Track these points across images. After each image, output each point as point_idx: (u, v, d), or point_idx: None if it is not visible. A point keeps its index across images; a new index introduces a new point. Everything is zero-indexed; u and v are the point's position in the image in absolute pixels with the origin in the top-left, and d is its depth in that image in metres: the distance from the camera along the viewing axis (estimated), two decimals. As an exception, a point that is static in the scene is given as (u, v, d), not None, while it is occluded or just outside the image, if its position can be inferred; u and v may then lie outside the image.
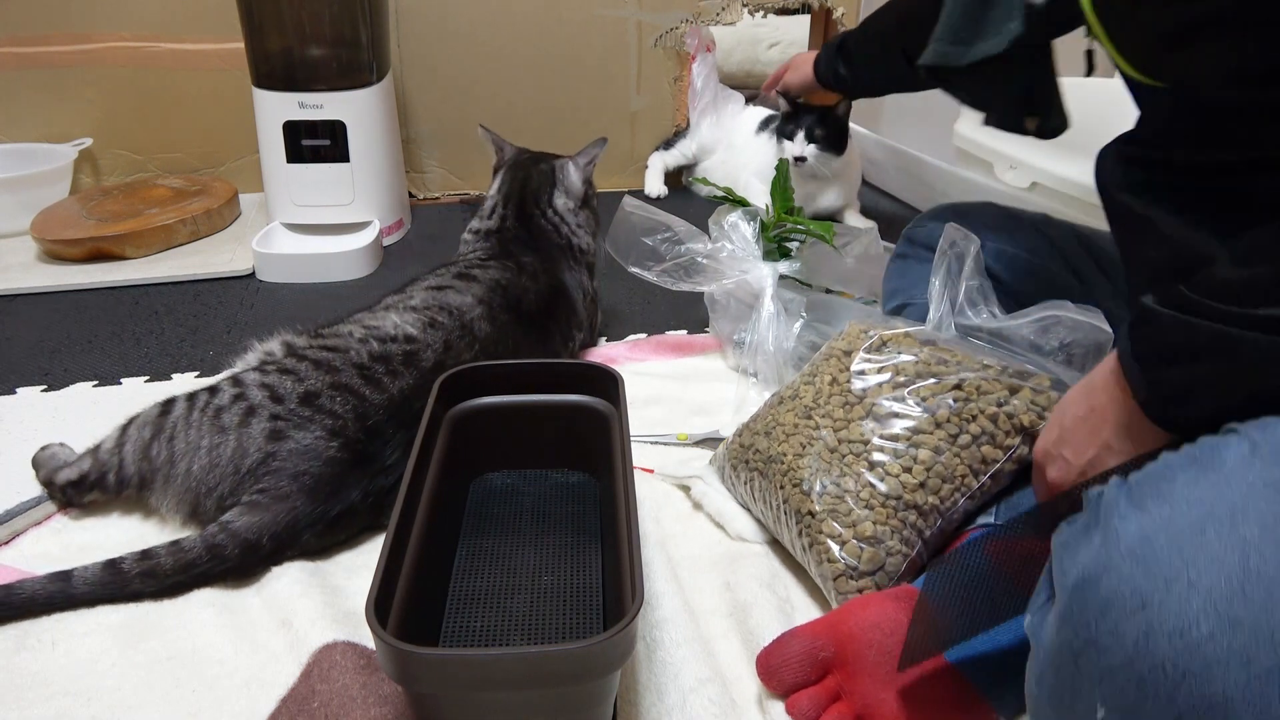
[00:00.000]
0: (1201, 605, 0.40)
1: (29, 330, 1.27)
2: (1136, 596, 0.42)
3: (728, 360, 1.18)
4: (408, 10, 1.74)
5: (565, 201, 1.19)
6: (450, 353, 0.91)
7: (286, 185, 1.55)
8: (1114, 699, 0.42)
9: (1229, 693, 0.38)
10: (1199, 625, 0.39)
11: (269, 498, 0.77)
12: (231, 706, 0.66)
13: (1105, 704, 0.42)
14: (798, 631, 0.67)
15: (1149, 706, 0.40)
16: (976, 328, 0.80)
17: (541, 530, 0.77)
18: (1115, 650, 0.42)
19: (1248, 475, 0.43)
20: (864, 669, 0.64)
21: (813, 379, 0.84)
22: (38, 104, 1.70)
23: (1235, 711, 0.38)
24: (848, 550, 0.72)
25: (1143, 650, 0.41)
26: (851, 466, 0.75)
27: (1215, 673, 0.38)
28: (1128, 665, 0.41)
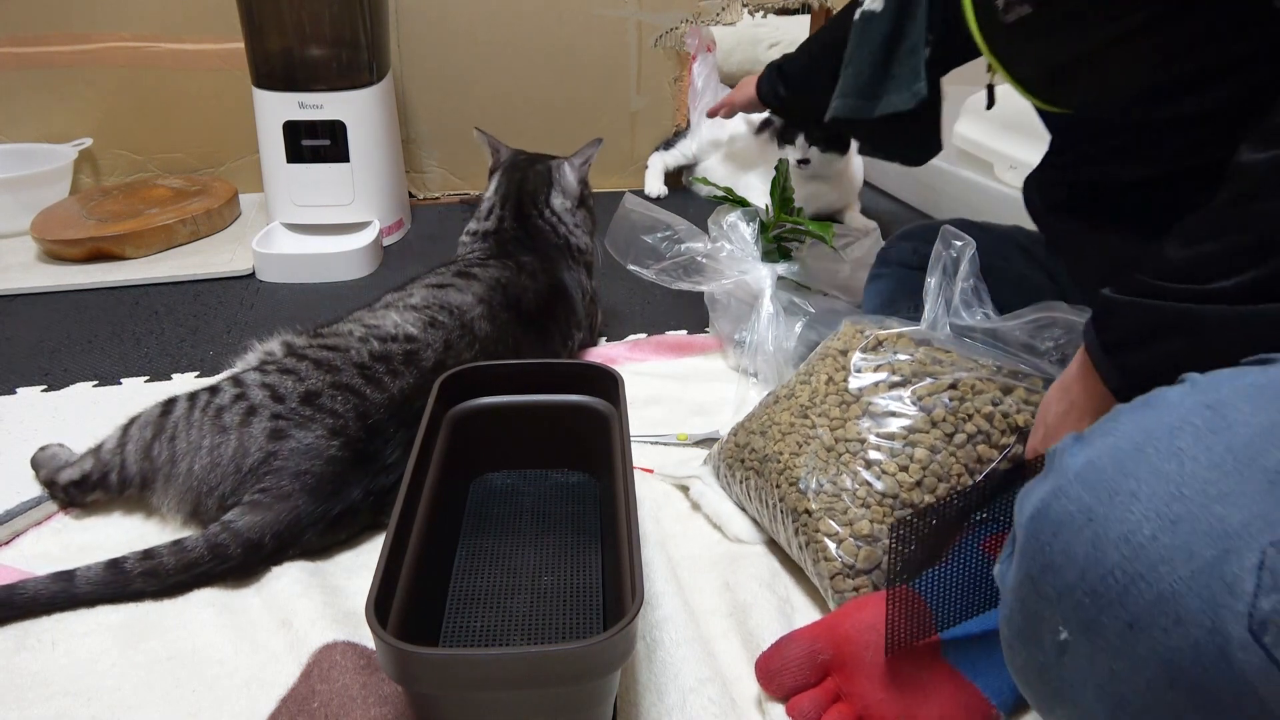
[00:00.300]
0: (1143, 511, 0.41)
1: (29, 330, 1.27)
2: (1083, 513, 0.43)
3: (728, 360, 1.18)
4: (408, 10, 1.74)
5: (562, 201, 1.20)
6: (450, 352, 0.91)
7: (286, 185, 1.55)
8: (1073, 616, 0.43)
9: (1175, 587, 0.39)
10: (1142, 529, 0.41)
11: (271, 497, 0.77)
12: (231, 706, 0.66)
13: (1066, 624, 0.43)
14: (796, 635, 0.67)
15: (1105, 616, 0.42)
16: (971, 328, 0.80)
17: (541, 530, 0.77)
18: (1068, 568, 0.43)
19: (1185, 402, 0.45)
20: (862, 670, 0.64)
21: (809, 378, 0.84)
22: (38, 104, 1.70)
23: (1182, 602, 0.39)
24: (844, 548, 0.72)
25: (1093, 561, 0.42)
26: (848, 465, 0.75)
27: (1161, 571, 0.40)
28: (1081, 579, 0.43)
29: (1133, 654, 0.41)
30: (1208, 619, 0.39)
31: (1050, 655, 0.45)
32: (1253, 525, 0.39)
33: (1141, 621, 0.40)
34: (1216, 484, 0.41)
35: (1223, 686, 0.38)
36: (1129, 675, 0.41)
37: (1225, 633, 0.38)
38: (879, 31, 0.90)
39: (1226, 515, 0.40)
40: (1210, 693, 0.39)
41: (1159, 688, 0.40)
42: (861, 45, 0.92)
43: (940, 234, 0.82)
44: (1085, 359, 0.62)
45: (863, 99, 0.94)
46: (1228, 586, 0.38)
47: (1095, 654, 0.42)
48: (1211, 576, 0.39)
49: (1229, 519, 0.40)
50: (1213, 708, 0.39)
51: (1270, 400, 0.43)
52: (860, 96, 0.94)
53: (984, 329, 0.80)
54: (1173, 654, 0.39)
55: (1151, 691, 0.40)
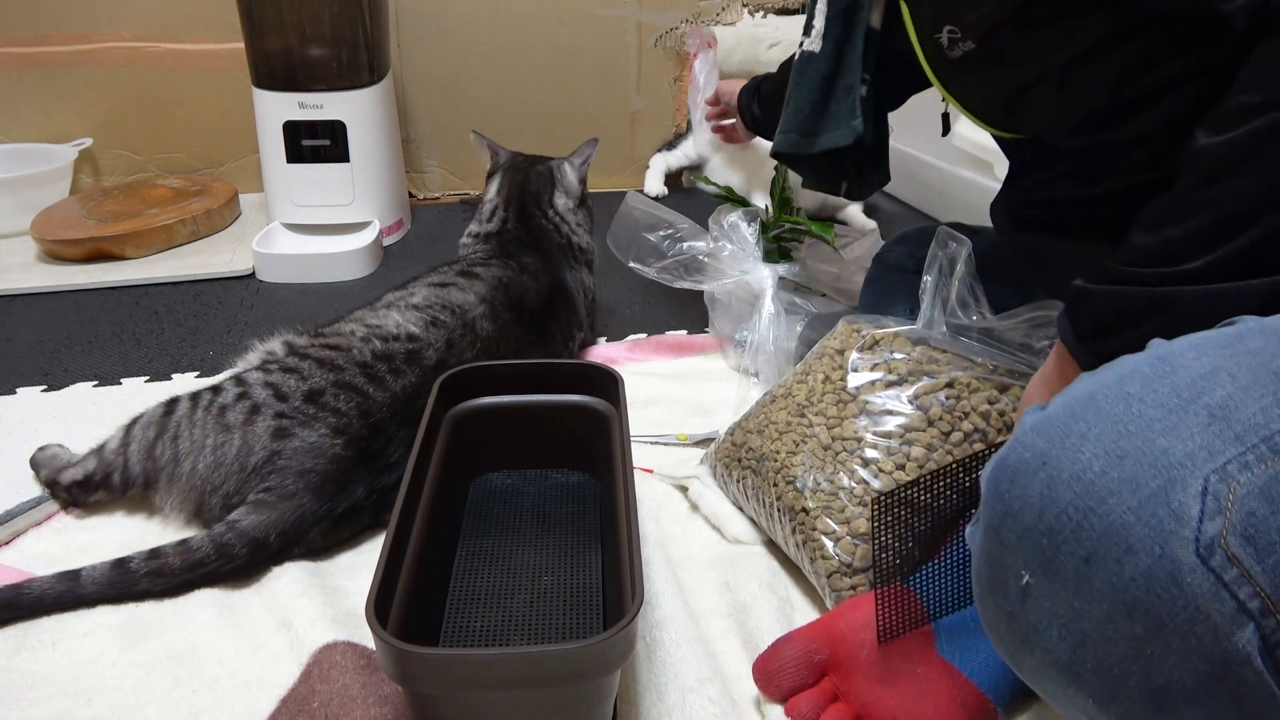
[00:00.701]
0: (1093, 450, 0.43)
1: (29, 330, 1.27)
2: (1037, 458, 0.45)
3: (728, 360, 1.18)
4: (407, 10, 1.74)
5: (565, 201, 1.20)
6: (452, 351, 0.91)
7: (286, 185, 1.55)
8: (1033, 558, 0.44)
9: (1125, 518, 0.41)
10: (1092, 466, 0.43)
11: (275, 496, 0.77)
12: (231, 706, 0.66)
13: (1027, 567, 0.45)
14: (791, 636, 0.67)
15: (1062, 554, 0.43)
16: (967, 327, 0.81)
17: (541, 530, 0.77)
18: (1025, 511, 0.45)
19: (1137, 358, 0.47)
20: (858, 669, 0.64)
21: (805, 377, 0.84)
22: (38, 104, 1.70)
23: (1132, 532, 0.41)
24: (841, 547, 0.72)
25: (1048, 501, 0.44)
26: (845, 464, 0.75)
27: (1111, 503, 0.42)
28: (1038, 520, 0.44)
29: (1090, 588, 0.42)
30: (1157, 546, 0.40)
31: (1015, 601, 0.46)
32: (1196, 456, 0.41)
33: (1096, 554, 0.42)
34: (1161, 420, 0.43)
35: (1176, 612, 0.40)
36: (1088, 610, 0.42)
37: (1174, 558, 0.40)
38: (817, 71, 0.95)
39: (1170, 448, 0.42)
40: (1166, 619, 0.40)
41: (1118, 619, 0.41)
42: (800, 85, 0.97)
43: (936, 235, 0.83)
44: (1062, 350, 0.64)
45: (803, 135, 0.98)
46: (1174, 513, 0.40)
47: (1056, 593, 0.44)
48: (1158, 504, 0.41)
49: (1173, 451, 0.41)
50: (1170, 634, 0.40)
51: (1215, 348, 0.45)
52: (800, 133, 0.98)
53: (980, 328, 0.80)
54: (1127, 583, 0.41)
55: (1111, 623, 0.42)
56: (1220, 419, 0.42)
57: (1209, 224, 0.57)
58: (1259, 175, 0.56)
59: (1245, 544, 0.39)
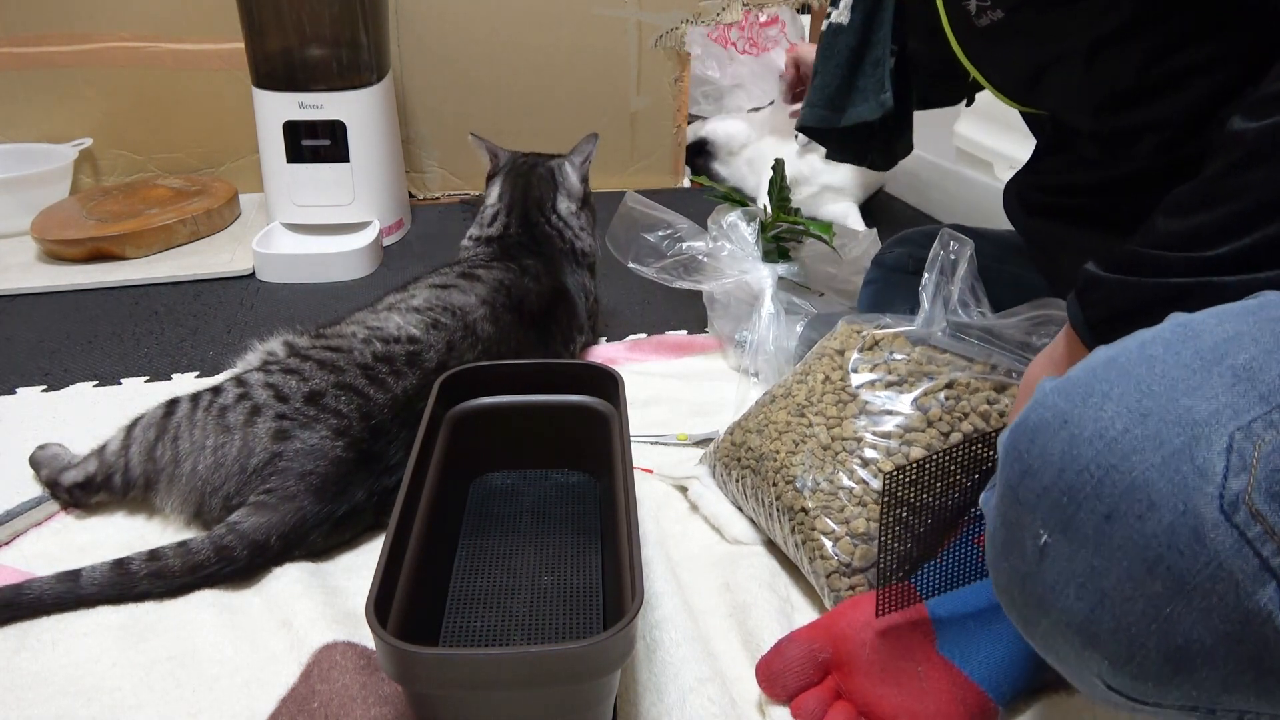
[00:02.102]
0: (1115, 409, 0.43)
1: (29, 330, 1.27)
2: (1058, 417, 0.45)
3: (728, 360, 1.18)
4: (408, 10, 1.74)
5: (568, 205, 1.20)
6: (453, 353, 0.91)
7: (286, 185, 1.55)
8: (1051, 517, 0.44)
9: (1148, 475, 0.41)
10: (1114, 424, 0.42)
11: (276, 498, 0.77)
12: (231, 706, 0.66)
13: (1045, 526, 0.44)
14: (794, 636, 0.67)
15: (1082, 512, 0.43)
16: (969, 325, 0.81)
17: (541, 530, 0.77)
18: (1045, 469, 0.44)
19: (1157, 329, 0.47)
20: (859, 667, 0.64)
21: (805, 377, 0.84)
22: (38, 104, 1.70)
23: (1155, 489, 0.40)
24: (841, 547, 0.72)
25: (1069, 459, 0.43)
26: (845, 463, 0.76)
27: (1133, 460, 0.41)
28: (1058, 478, 0.44)
29: (1110, 545, 0.42)
30: (1180, 502, 0.40)
31: (1031, 562, 0.46)
32: (1220, 414, 0.41)
33: (1117, 511, 0.41)
34: (1184, 380, 0.42)
35: (1198, 569, 0.39)
36: (1108, 568, 0.42)
37: (1198, 514, 0.39)
38: (845, 45, 0.93)
39: (1194, 406, 0.41)
40: (1187, 576, 0.40)
41: (1138, 576, 0.41)
42: (829, 58, 0.95)
43: (939, 235, 0.82)
44: (1072, 334, 0.63)
45: (830, 109, 0.97)
46: (1198, 470, 0.40)
47: (1075, 552, 0.43)
48: (1182, 461, 0.40)
49: (1196, 409, 0.41)
50: (1190, 591, 0.40)
51: (1238, 316, 0.45)
52: (828, 107, 0.97)
53: (981, 326, 0.80)
54: (1148, 540, 0.40)
55: (1131, 581, 0.41)
56: (1245, 379, 0.41)
57: (1241, 210, 0.55)
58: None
59: (1270, 500, 0.39)
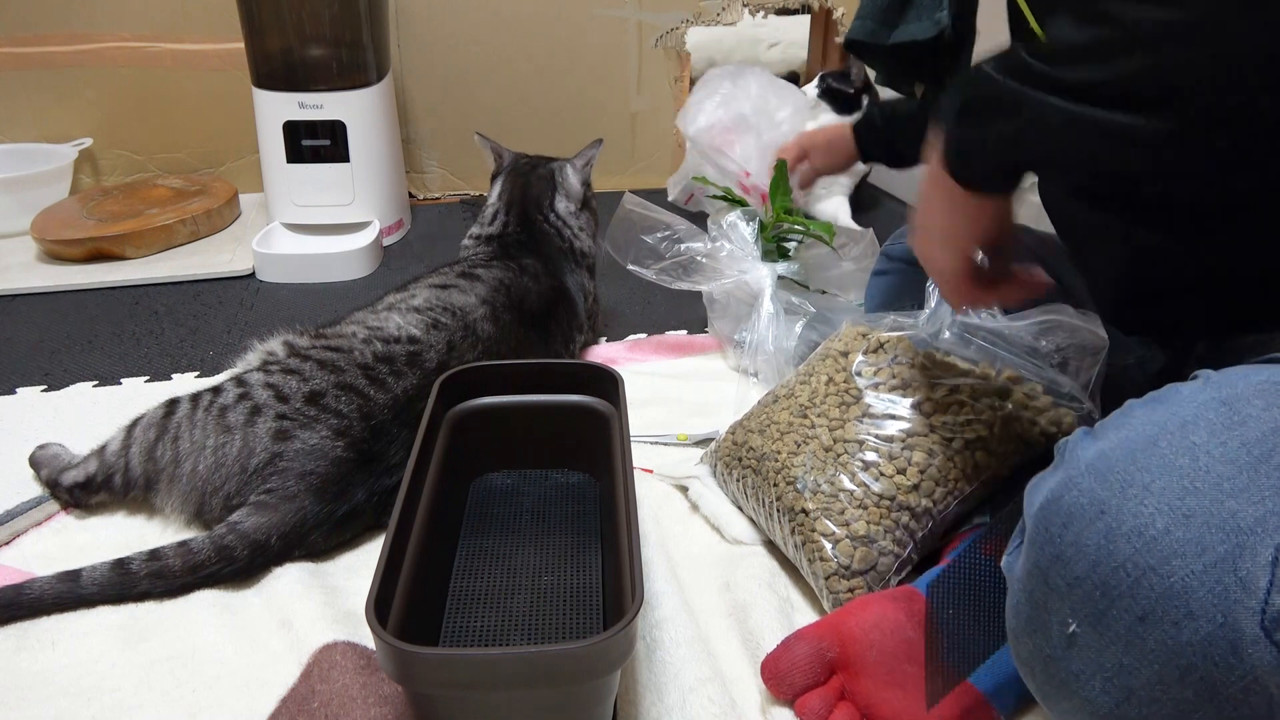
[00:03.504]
0: (1156, 505, 0.42)
1: (29, 330, 1.27)
2: (1095, 505, 0.43)
3: (728, 360, 1.18)
4: (408, 10, 1.74)
5: (566, 205, 1.20)
6: (453, 353, 0.91)
7: (286, 185, 1.55)
8: (1082, 608, 0.43)
9: (1188, 581, 0.40)
10: (1154, 523, 0.41)
11: (276, 498, 0.77)
12: (231, 706, 0.66)
13: (1075, 616, 0.43)
14: (802, 634, 0.67)
15: (1115, 609, 0.42)
16: (978, 326, 0.80)
17: (541, 530, 0.77)
18: (1079, 560, 0.43)
19: (1198, 398, 0.45)
20: (865, 669, 0.64)
21: (809, 379, 0.84)
22: (38, 104, 1.70)
23: (1195, 597, 0.39)
24: (840, 549, 0.72)
25: (1104, 554, 0.42)
26: (846, 466, 0.75)
27: (1173, 564, 0.40)
28: (1091, 571, 0.43)
29: (1143, 647, 0.41)
30: (1220, 614, 0.39)
31: (1057, 647, 0.45)
32: (1267, 521, 0.39)
33: (1153, 615, 0.40)
34: (1230, 479, 0.41)
35: (1233, 681, 0.39)
36: (1138, 668, 0.41)
37: (1238, 628, 0.38)
38: None
39: (1240, 511, 0.40)
40: (1220, 687, 0.39)
41: (1169, 681, 0.40)
42: None
43: None
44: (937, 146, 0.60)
45: (881, 24, 0.92)
46: (1241, 582, 0.39)
47: (1104, 647, 0.42)
48: (1225, 571, 0.39)
49: (1242, 515, 0.40)
50: (1222, 702, 0.39)
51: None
52: (878, 21, 0.92)
53: (990, 328, 0.80)
54: (1183, 648, 0.39)
55: (1161, 685, 0.40)
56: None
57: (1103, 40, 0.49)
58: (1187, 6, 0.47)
59: None
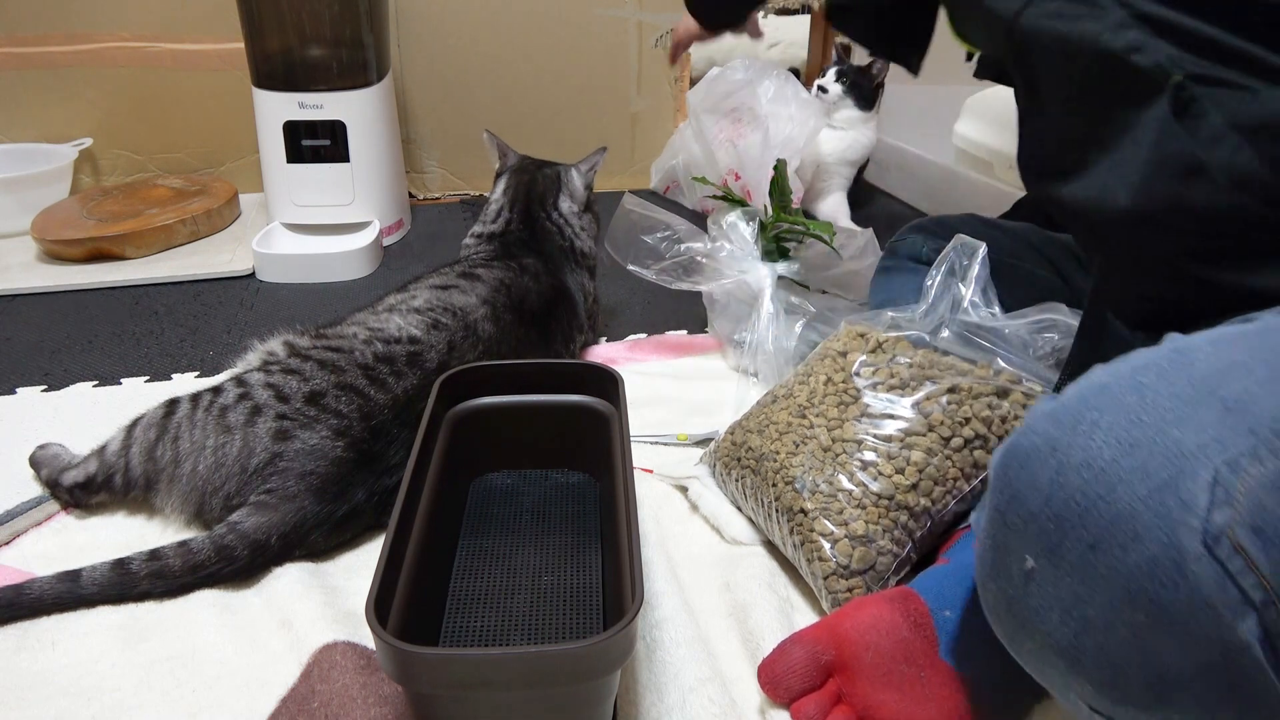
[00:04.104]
0: (1104, 438, 0.43)
1: (29, 330, 1.27)
2: (1048, 444, 0.45)
3: (728, 360, 1.18)
4: (408, 11, 1.74)
5: (570, 205, 1.21)
6: (454, 353, 0.91)
7: (286, 185, 1.55)
8: (1038, 543, 0.45)
9: (1133, 506, 0.41)
10: (1102, 454, 0.43)
11: (277, 498, 0.77)
12: (231, 706, 0.66)
13: (1031, 551, 0.45)
14: (798, 638, 0.67)
15: (1068, 540, 0.43)
16: (977, 325, 0.81)
17: (541, 530, 0.77)
18: (1033, 496, 0.45)
19: (1153, 352, 0.47)
20: (862, 671, 0.64)
21: (807, 378, 0.84)
22: (38, 104, 1.70)
23: (1140, 520, 0.41)
24: (839, 549, 0.72)
25: (1056, 487, 0.44)
26: (845, 465, 0.76)
27: (1119, 491, 0.42)
28: (1045, 505, 0.44)
29: (1094, 574, 0.42)
30: (1164, 534, 0.40)
31: (1018, 586, 0.46)
32: (1208, 447, 0.41)
33: (1102, 541, 0.42)
34: (1174, 411, 0.43)
35: (1179, 600, 0.40)
36: (1092, 596, 0.43)
37: (1180, 547, 0.40)
38: None
39: (1182, 438, 0.42)
40: (1168, 607, 0.40)
41: (1120, 606, 0.42)
42: None
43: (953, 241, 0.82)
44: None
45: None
46: (1182, 503, 0.40)
47: (1060, 578, 0.44)
48: (1167, 494, 0.41)
49: (1184, 441, 0.41)
50: (1171, 622, 0.40)
51: (1234, 343, 0.45)
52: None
53: (989, 326, 0.80)
54: (1132, 570, 0.41)
55: (1114, 610, 0.42)
56: (1234, 411, 0.42)
57: None
58: None
59: (1252, 535, 0.39)
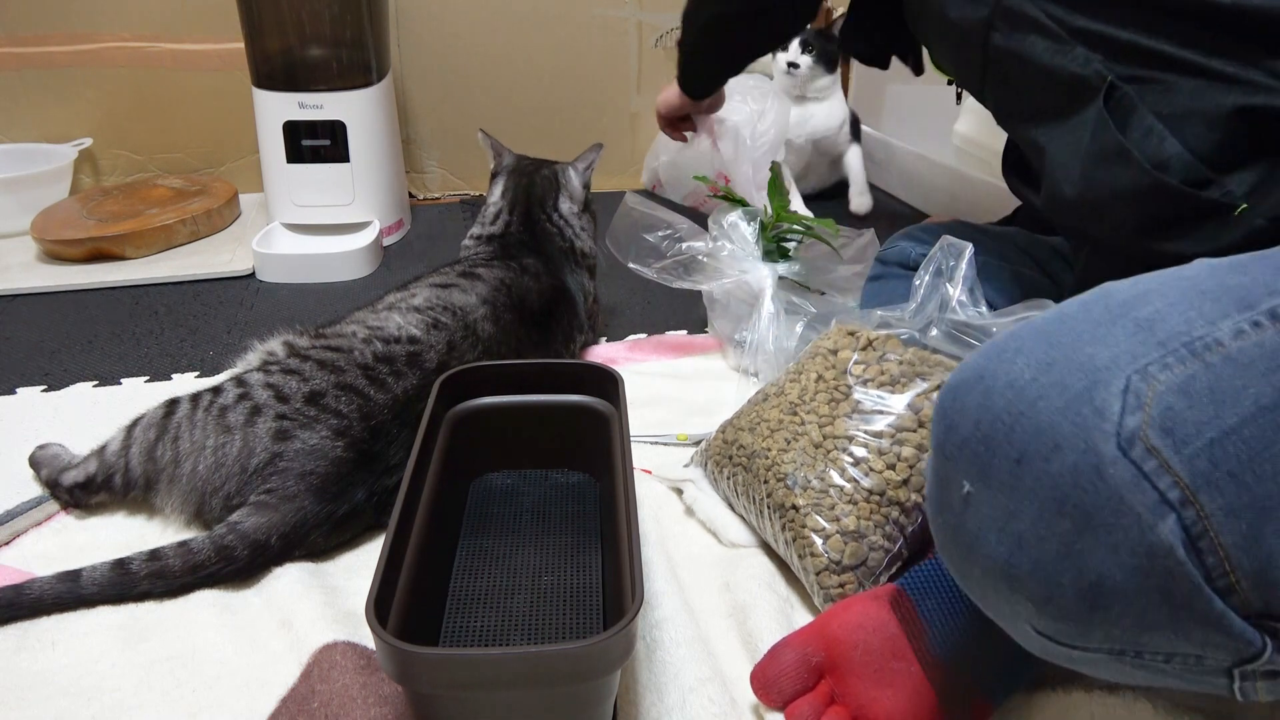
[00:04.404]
0: (1025, 361, 0.46)
1: (29, 330, 1.27)
2: (976, 374, 0.48)
3: (728, 360, 1.18)
4: (408, 10, 1.74)
5: (569, 206, 1.21)
6: (454, 353, 0.91)
7: (286, 185, 1.55)
8: (971, 466, 0.47)
9: (1052, 418, 0.43)
10: (1023, 375, 0.46)
11: (277, 498, 0.77)
12: (231, 706, 0.66)
13: (967, 476, 0.47)
14: (787, 641, 0.67)
15: (996, 459, 0.45)
16: (965, 323, 0.81)
17: (541, 530, 0.77)
18: (964, 422, 0.47)
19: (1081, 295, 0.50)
20: (853, 670, 0.64)
21: (798, 376, 0.85)
22: (38, 104, 1.70)
23: (1059, 430, 0.43)
24: (830, 544, 0.73)
25: (983, 410, 0.46)
26: (836, 462, 0.76)
27: (1040, 406, 0.44)
28: (975, 429, 0.46)
29: (1022, 488, 0.44)
30: (1081, 441, 0.42)
31: (958, 512, 0.48)
32: (1120, 359, 0.43)
33: (1026, 455, 0.44)
34: (1090, 331, 0.46)
35: (1101, 504, 0.42)
36: (1021, 510, 0.44)
37: (1098, 451, 0.42)
38: None
39: (1096, 354, 0.44)
40: (1092, 512, 0.42)
41: (1049, 515, 0.43)
42: None
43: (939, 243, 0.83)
44: None
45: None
46: (1097, 410, 0.43)
47: (992, 497, 0.46)
48: (1083, 403, 0.43)
49: (1098, 356, 0.44)
50: (1097, 527, 0.42)
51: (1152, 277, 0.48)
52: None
53: (976, 325, 0.81)
54: (1055, 479, 0.43)
55: (1042, 521, 0.44)
56: (1145, 329, 0.44)
57: None
58: None
59: (1164, 435, 0.41)
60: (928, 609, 0.66)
